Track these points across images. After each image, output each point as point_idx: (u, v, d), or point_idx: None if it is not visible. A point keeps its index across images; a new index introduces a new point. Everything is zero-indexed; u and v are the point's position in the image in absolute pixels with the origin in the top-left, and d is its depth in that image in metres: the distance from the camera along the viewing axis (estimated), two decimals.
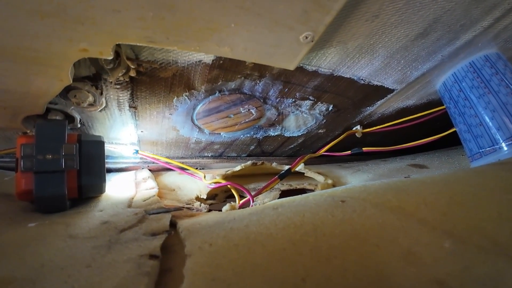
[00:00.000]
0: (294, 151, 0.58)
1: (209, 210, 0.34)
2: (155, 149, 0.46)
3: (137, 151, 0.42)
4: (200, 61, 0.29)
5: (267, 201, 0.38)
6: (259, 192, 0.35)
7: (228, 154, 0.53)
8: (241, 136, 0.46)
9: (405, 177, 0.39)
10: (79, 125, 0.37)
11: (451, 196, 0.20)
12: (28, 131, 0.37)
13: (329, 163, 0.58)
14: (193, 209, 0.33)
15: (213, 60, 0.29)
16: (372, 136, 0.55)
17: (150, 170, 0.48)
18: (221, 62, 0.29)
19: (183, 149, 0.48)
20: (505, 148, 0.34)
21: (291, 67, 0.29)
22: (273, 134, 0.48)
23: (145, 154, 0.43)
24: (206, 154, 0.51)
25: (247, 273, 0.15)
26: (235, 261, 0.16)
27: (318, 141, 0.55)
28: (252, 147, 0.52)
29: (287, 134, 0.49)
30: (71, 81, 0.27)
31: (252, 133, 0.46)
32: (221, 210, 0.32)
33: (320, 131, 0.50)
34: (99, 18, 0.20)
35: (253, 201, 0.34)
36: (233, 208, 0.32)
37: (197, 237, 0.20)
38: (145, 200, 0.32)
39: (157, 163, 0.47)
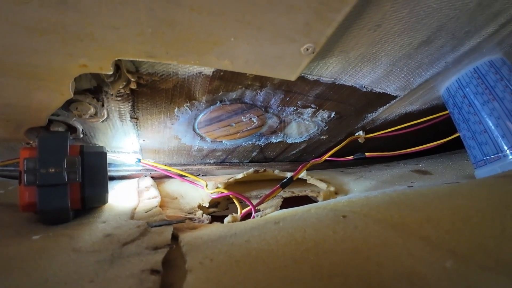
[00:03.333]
0: (297, 156, 0.57)
1: (211, 221, 0.34)
2: (157, 157, 0.46)
3: (139, 160, 0.43)
4: (200, 72, 0.29)
5: (268, 211, 0.38)
6: (261, 202, 0.35)
7: (230, 161, 0.53)
8: (243, 143, 0.46)
9: (408, 187, 0.39)
10: (81, 136, 0.37)
11: (454, 212, 0.20)
12: (31, 142, 0.38)
13: (331, 168, 0.58)
14: (195, 220, 0.33)
15: (213, 72, 0.29)
16: (374, 141, 0.55)
17: (152, 177, 0.48)
18: (222, 73, 0.29)
19: (185, 157, 0.48)
20: (510, 156, 0.33)
21: (292, 78, 0.29)
22: (275, 141, 0.48)
23: (147, 163, 0.43)
24: (208, 161, 0.51)
25: None
26: (236, 278, 0.16)
27: (320, 147, 0.55)
28: (254, 153, 0.52)
29: (289, 141, 0.49)
30: (72, 95, 0.27)
31: (254, 140, 0.46)
32: (223, 221, 0.32)
33: (322, 137, 0.50)
34: (98, 34, 0.20)
35: (255, 212, 0.34)
36: (235, 219, 0.32)
37: (199, 252, 0.20)
38: (147, 211, 0.32)
39: (155, 171, 0.47)
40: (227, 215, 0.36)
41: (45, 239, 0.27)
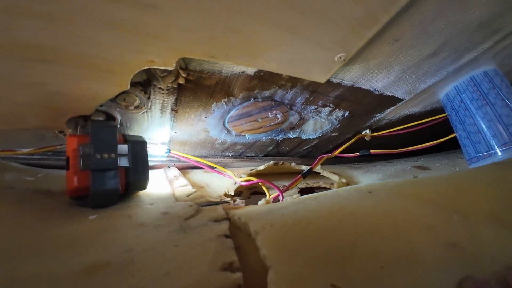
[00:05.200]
0: (307, 152, 0.62)
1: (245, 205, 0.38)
2: (183, 149, 0.49)
3: (169, 151, 0.46)
4: (243, 72, 0.33)
5: (288, 198, 0.42)
6: (287, 189, 0.39)
7: (247, 154, 0.57)
8: (263, 138, 0.50)
9: (414, 177, 0.44)
10: (119, 126, 0.40)
11: (457, 187, 0.25)
12: (70, 131, 0.40)
13: (338, 164, 0.63)
14: (231, 203, 0.37)
15: (255, 72, 0.33)
16: (378, 140, 0.60)
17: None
18: (262, 74, 0.33)
19: (208, 149, 0.51)
20: (499, 154, 0.39)
21: (322, 80, 0.34)
22: (291, 137, 0.52)
23: (177, 153, 0.46)
24: (227, 154, 0.55)
25: (308, 243, 0.19)
26: (297, 235, 0.20)
27: (329, 144, 0.60)
28: (270, 148, 0.56)
29: (303, 137, 0.53)
30: (129, 87, 0.30)
31: (273, 135, 0.50)
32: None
33: (333, 134, 0.55)
34: (174, 35, 0.24)
35: (282, 197, 0.38)
36: (268, 202, 0.36)
37: (256, 221, 0.24)
38: (189, 195, 0.35)
39: (184, 162, 0.51)
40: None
41: (103, 218, 0.29)
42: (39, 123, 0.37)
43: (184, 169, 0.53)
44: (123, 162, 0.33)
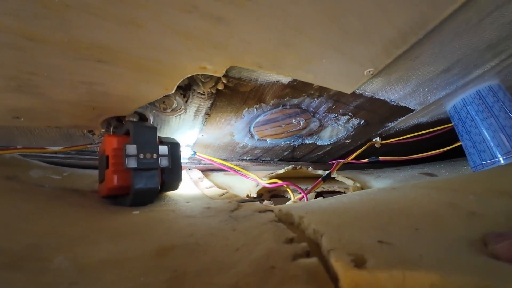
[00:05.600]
0: (319, 157, 0.65)
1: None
2: (205, 151, 0.51)
3: (195, 153, 0.47)
4: (278, 81, 0.36)
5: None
6: (310, 191, 0.42)
7: (263, 158, 0.59)
8: (282, 142, 0.53)
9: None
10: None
11: (469, 179, 0.29)
12: (103, 130, 0.41)
13: (348, 170, 0.66)
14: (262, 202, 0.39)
15: (289, 81, 0.36)
16: (386, 147, 0.64)
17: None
18: (295, 83, 0.36)
19: (228, 152, 0.53)
20: (502, 161, 0.43)
21: (349, 91, 0.37)
22: (308, 142, 0.55)
23: (202, 155, 0.48)
24: (245, 157, 0.57)
25: (350, 220, 0.21)
26: (338, 217, 0.22)
27: (341, 150, 0.63)
28: (286, 153, 0.58)
29: (319, 143, 0.56)
30: (174, 91, 0.32)
31: (292, 140, 0.52)
32: None
33: (346, 141, 0.58)
34: (232, 45, 0.25)
35: (307, 198, 0.40)
36: (295, 202, 0.38)
37: (297, 210, 0.25)
38: (221, 195, 0.37)
39: (204, 164, 0.52)
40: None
41: (148, 212, 0.31)
42: (74, 121, 0.38)
43: (204, 171, 0.55)
44: (164, 163, 0.34)
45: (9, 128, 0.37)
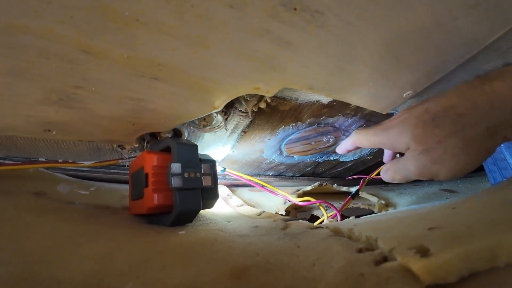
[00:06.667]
0: (339, 173, 0.65)
1: None
2: (232, 167, 0.51)
3: (224, 169, 0.47)
4: (318, 101, 0.36)
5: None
6: (341, 209, 0.42)
7: (286, 174, 0.59)
8: (307, 159, 0.53)
9: (446, 199, 0.48)
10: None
11: (495, 191, 0.30)
12: (136, 146, 0.41)
13: (366, 186, 0.66)
14: None
15: (329, 101, 0.37)
16: None
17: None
18: (334, 103, 0.37)
19: (253, 168, 0.53)
20: None
21: (385, 112, 0.38)
22: (332, 159, 0.56)
23: (231, 172, 0.47)
24: (268, 173, 0.57)
25: (395, 226, 0.22)
26: (383, 224, 0.24)
27: (361, 166, 0.64)
28: (309, 168, 0.59)
29: (342, 159, 0.57)
30: (221, 109, 0.32)
31: (317, 157, 0.53)
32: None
33: (368, 157, 0.59)
34: (290, 69, 0.26)
35: (340, 216, 0.40)
36: (330, 222, 0.38)
37: (344, 224, 0.26)
38: (259, 214, 0.37)
39: (230, 180, 0.52)
40: None
41: (194, 233, 0.30)
42: (108, 136, 0.37)
43: (228, 186, 0.54)
44: (207, 182, 0.34)
45: (35, 141, 0.35)
